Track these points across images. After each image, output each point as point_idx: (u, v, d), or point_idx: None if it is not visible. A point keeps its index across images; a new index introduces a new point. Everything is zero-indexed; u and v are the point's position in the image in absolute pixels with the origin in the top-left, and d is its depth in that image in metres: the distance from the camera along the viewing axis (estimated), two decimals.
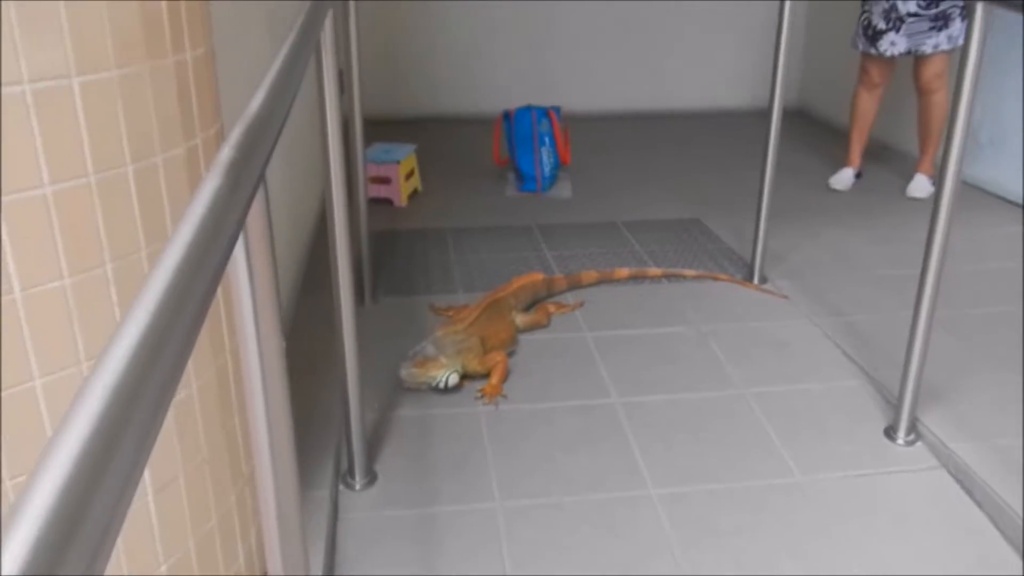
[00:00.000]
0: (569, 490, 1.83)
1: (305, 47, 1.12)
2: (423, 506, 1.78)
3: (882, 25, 3.49)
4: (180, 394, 1.14)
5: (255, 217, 0.68)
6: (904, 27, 3.45)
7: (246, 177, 0.62)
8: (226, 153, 0.63)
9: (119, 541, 0.81)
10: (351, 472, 1.84)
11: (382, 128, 4.00)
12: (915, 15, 3.42)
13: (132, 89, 1.00)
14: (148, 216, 0.97)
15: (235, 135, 0.68)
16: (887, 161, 4.04)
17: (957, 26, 3.41)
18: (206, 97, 1.13)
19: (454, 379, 2.13)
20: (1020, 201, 3.53)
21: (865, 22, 3.57)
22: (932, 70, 3.52)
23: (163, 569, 1.17)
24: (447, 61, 4.95)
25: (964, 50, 1.74)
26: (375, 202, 3.51)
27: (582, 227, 3.28)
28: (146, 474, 1.13)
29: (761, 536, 1.71)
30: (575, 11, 4.98)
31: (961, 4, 3.40)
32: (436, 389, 2.13)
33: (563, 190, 3.70)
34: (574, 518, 1.75)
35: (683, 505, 1.79)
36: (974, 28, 1.69)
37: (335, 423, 1.95)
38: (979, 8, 1.66)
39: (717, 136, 4.65)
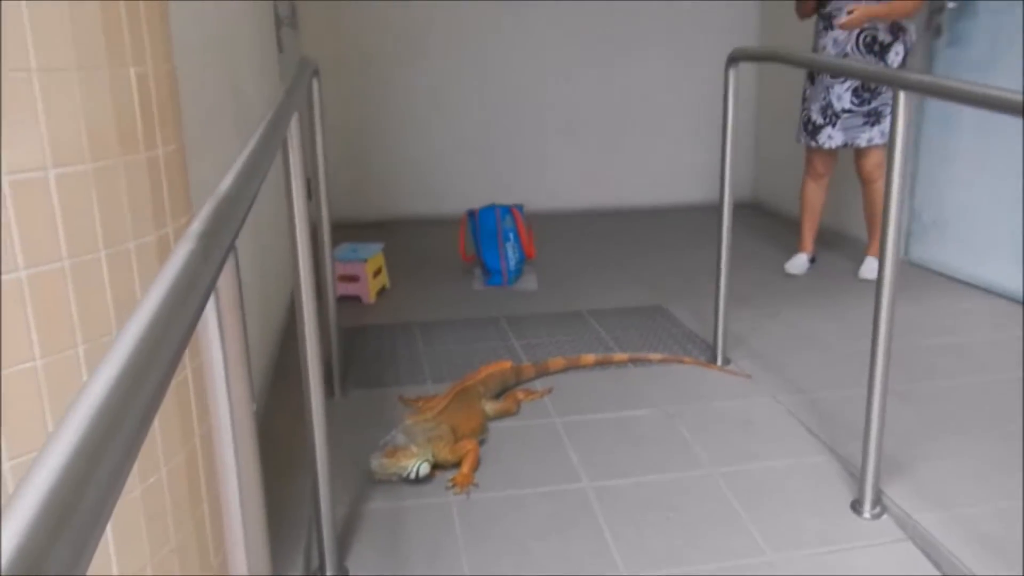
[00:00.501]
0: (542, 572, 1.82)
1: (272, 139, 1.19)
2: None
3: (820, 120, 3.70)
4: (150, 479, 1.15)
5: (226, 281, 0.72)
6: (840, 122, 3.66)
7: (216, 244, 0.66)
8: (196, 226, 0.68)
9: None
10: (321, 568, 1.81)
11: (349, 230, 4.09)
12: (849, 111, 3.64)
13: (106, 181, 1.05)
14: (120, 299, 1.01)
15: (205, 211, 0.73)
16: (839, 246, 4.19)
17: (887, 123, 3.63)
18: (178, 189, 1.19)
19: (425, 468, 2.13)
20: (964, 279, 3.68)
21: (805, 118, 3.78)
22: (871, 161, 3.71)
23: None
24: (411, 165, 5.10)
25: (891, 135, 1.87)
26: (344, 299, 3.55)
27: (548, 316, 3.35)
28: (113, 564, 1.12)
29: None
30: (533, 117, 5.19)
31: (891, 102, 3.62)
32: (407, 480, 2.12)
33: (529, 283, 3.78)
34: None
35: None
36: (899, 114, 1.82)
37: (305, 516, 1.93)
38: (902, 96, 1.80)
39: (675, 229, 4.80)
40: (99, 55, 1.04)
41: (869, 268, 3.81)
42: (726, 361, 2.86)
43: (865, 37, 3.57)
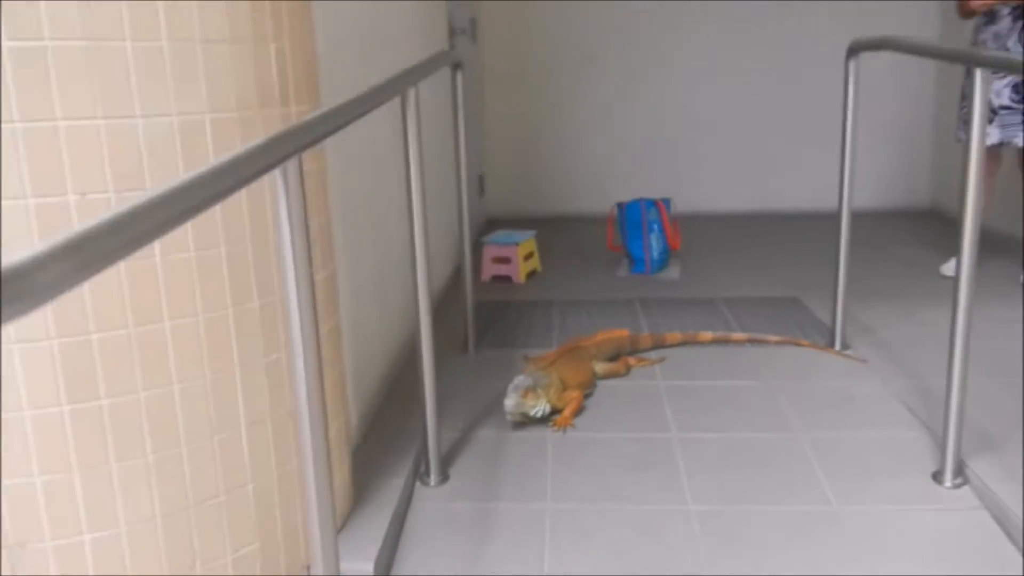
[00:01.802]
0: (612, 499, 2.05)
1: (374, 99, 1.53)
2: (485, 501, 2.05)
3: None
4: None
5: (293, 173, 1.05)
6: (997, 119, 3.55)
7: (283, 143, 0.99)
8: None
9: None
10: (427, 472, 2.15)
11: (514, 224, 4.46)
12: (1007, 108, 3.52)
13: (247, 127, 1.45)
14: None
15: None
16: (1009, 251, 4.00)
17: None
18: None
19: (548, 409, 2.41)
20: None
21: (964, 116, 3.68)
22: None
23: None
24: (574, 167, 5.41)
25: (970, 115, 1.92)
26: (496, 280, 3.93)
27: (681, 301, 3.52)
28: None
29: (785, 550, 1.85)
30: (698, 119, 5.34)
31: None
32: (532, 418, 2.39)
33: (671, 272, 3.96)
34: (614, 521, 1.96)
35: (716, 519, 1.96)
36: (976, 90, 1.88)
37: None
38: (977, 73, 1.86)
39: (827, 232, 4.74)
40: (246, 30, 1.44)
41: None
42: (845, 347, 2.91)
43: None
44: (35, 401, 1.35)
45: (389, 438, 2.26)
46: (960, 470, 2.07)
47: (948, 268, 3.83)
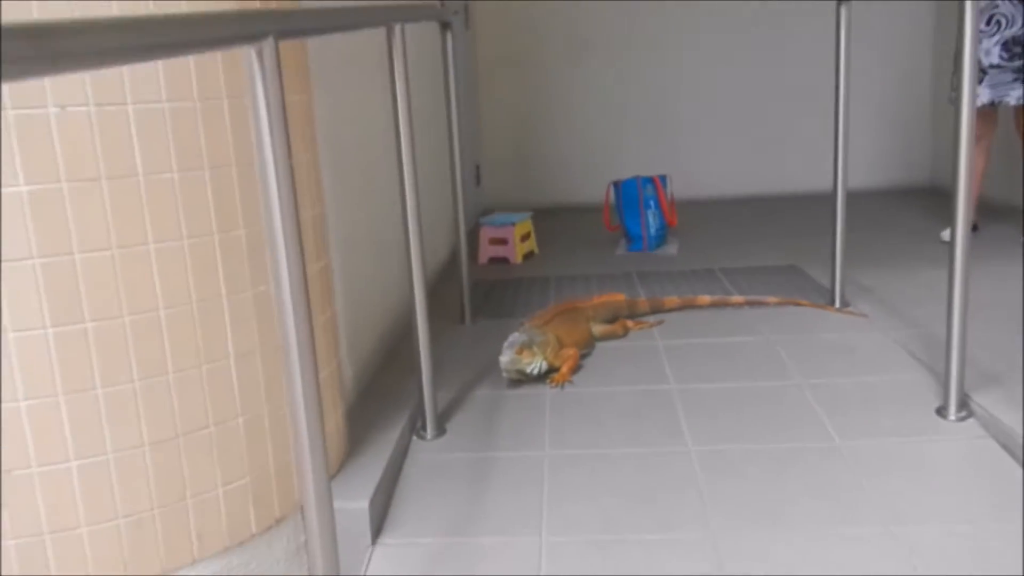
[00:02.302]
0: (611, 444, 2.02)
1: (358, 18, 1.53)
2: (482, 451, 2.02)
3: None
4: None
5: (268, 56, 1.04)
6: (987, 78, 3.53)
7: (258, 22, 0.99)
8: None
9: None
10: (423, 427, 2.12)
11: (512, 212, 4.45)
12: (997, 66, 3.51)
13: None
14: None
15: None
16: (1006, 217, 3.98)
17: None
18: None
19: (544, 366, 2.38)
20: None
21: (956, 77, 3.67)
22: None
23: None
24: (572, 157, 5.40)
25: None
26: (493, 262, 3.91)
27: (680, 273, 3.50)
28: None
29: (786, 480, 1.82)
30: (695, 103, 5.34)
31: None
32: (528, 375, 2.36)
33: (669, 249, 3.94)
34: (613, 464, 1.93)
35: (717, 458, 1.93)
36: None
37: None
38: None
39: (829, 210, 4.72)
40: None
41: None
42: (845, 305, 2.88)
43: None
44: (18, 323, 1.33)
45: (384, 397, 2.24)
46: (964, 404, 2.04)
47: (947, 234, 3.81)
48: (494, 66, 5.34)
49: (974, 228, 3.83)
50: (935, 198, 4.98)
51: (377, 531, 1.72)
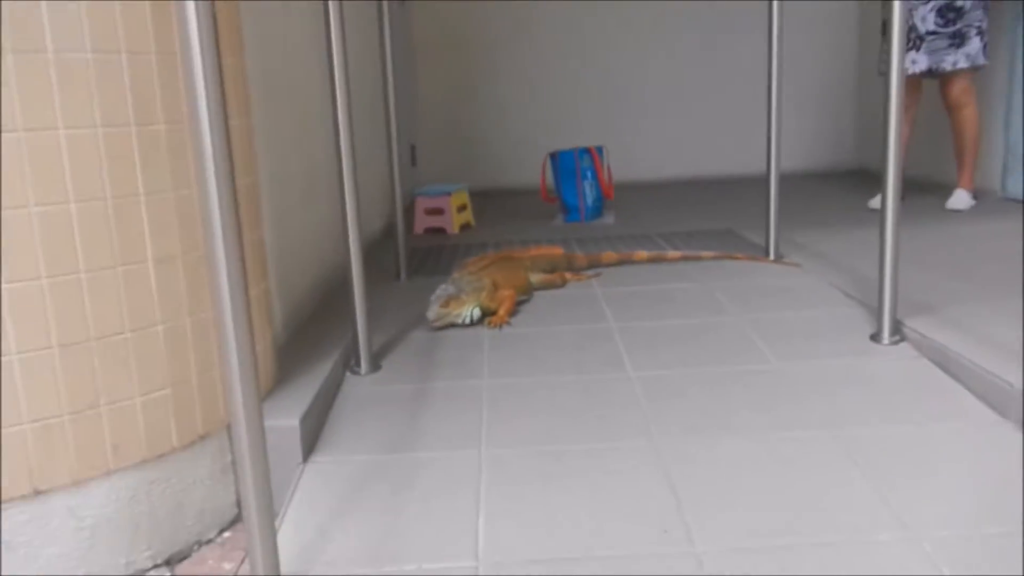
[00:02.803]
0: (553, 372, 1.98)
1: None
2: (418, 383, 1.96)
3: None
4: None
5: None
6: (924, 45, 3.64)
7: None
8: None
9: None
10: (357, 363, 2.05)
11: None
12: (934, 33, 3.62)
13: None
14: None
15: None
16: (930, 191, 4.09)
17: (975, 45, 3.58)
18: None
19: (477, 313, 2.33)
20: None
21: (887, 47, 3.77)
22: (958, 87, 3.66)
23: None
24: (508, 140, 5.39)
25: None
26: (430, 232, 3.85)
27: (617, 238, 3.49)
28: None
29: (727, 396, 1.81)
30: (631, 88, 5.39)
31: (977, 24, 3.58)
32: (462, 325, 2.32)
33: (606, 219, 3.94)
34: (554, 389, 1.89)
35: (658, 381, 1.90)
36: None
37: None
38: None
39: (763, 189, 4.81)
40: None
41: (958, 199, 3.74)
42: (779, 257, 2.91)
43: None
44: None
45: (316, 338, 2.16)
46: (897, 329, 2.06)
47: (875, 202, 3.90)
48: (430, 44, 5.31)
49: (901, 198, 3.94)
50: (862, 177, 5.12)
51: (309, 450, 1.64)
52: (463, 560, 1.30)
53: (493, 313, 2.37)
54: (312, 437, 1.69)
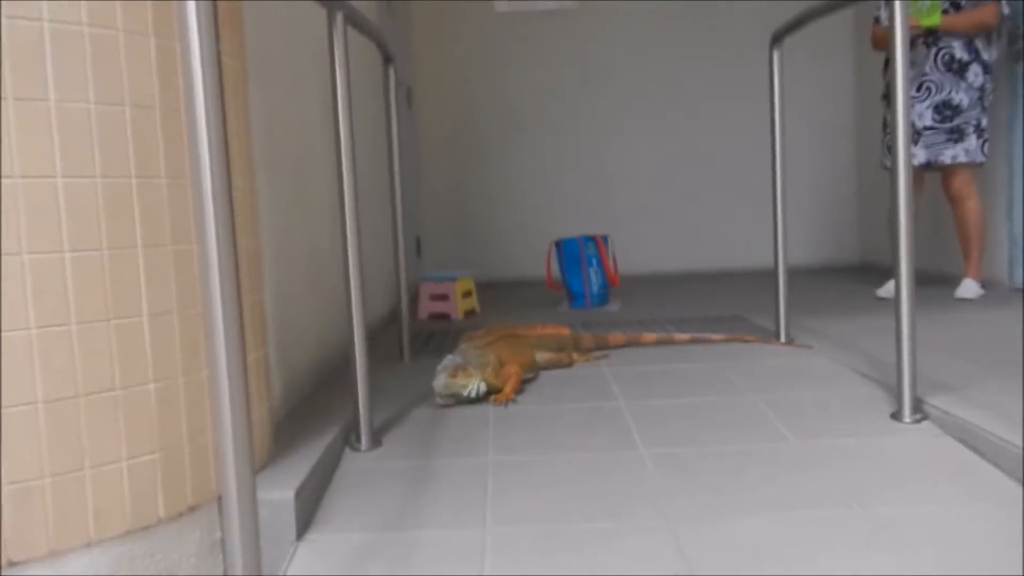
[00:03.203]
0: (561, 450, 1.89)
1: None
2: (420, 460, 1.87)
3: None
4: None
5: None
6: (922, 140, 3.69)
7: None
8: None
9: None
10: (358, 439, 1.96)
11: None
12: (931, 128, 3.67)
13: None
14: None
15: None
16: (938, 283, 4.06)
17: (972, 141, 3.64)
18: None
19: (483, 387, 2.25)
20: None
21: (889, 141, 3.81)
22: (959, 180, 3.70)
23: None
24: (512, 233, 5.43)
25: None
26: (434, 317, 3.81)
27: (624, 322, 3.45)
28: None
29: (742, 474, 1.72)
30: (632, 190, 5.46)
31: (975, 121, 3.64)
32: (467, 398, 2.24)
33: (612, 307, 3.90)
34: (561, 466, 1.80)
35: (670, 459, 1.82)
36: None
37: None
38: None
39: (769, 281, 4.80)
40: None
41: (967, 288, 3.71)
42: (790, 340, 2.85)
43: (943, 55, 3.64)
44: None
45: (316, 413, 2.08)
46: (918, 407, 1.98)
47: (884, 291, 3.88)
48: (435, 144, 5.41)
49: None
50: (866, 273, 5.10)
51: (304, 527, 1.55)
52: None
53: (498, 390, 2.29)
54: (308, 513, 1.59)
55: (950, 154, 3.66)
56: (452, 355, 2.29)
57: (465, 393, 2.23)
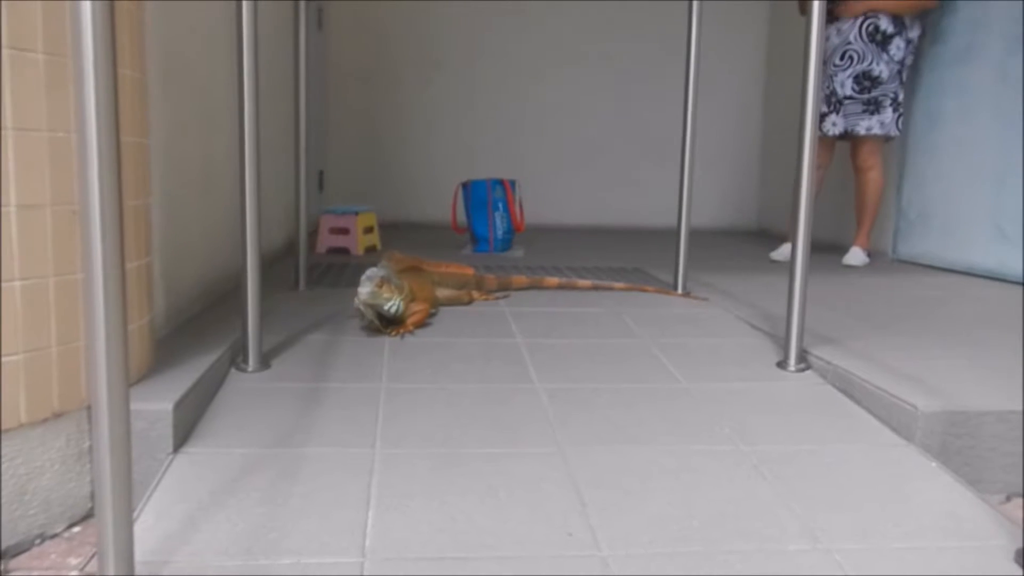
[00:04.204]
0: (456, 380, 1.87)
1: None
2: (311, 383, 1.82)
3: (825, 108, 3.84)
4: None
5: None
6: (842, 109, 3.79)
7: None
8: None
9: None
10: (245, 360, 1.89)
11: None
12: (851, 98, 3.77)
13: None
14: None
15: None
16: (830, 251, 4.22)
17: (888, 114, 3.76)
18: None
19: (401, 307, 2.20)
20: (946, 266, 3.71)
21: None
22: (866, 149, 3.83)
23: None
24: (416, 172, 5.33)
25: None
26: (333, 251, 3.71)
27: (527, 267, 3.44)
28: None
29: (635, 410, 1.74)
30: (545, 140, 5.43)
31: (892, 94, 3.76)
32: (385, 313, 2.17)
33: (515, 252, 3.89)
34: (456, 396, 1.78)
35: (565, 394, 1.82)
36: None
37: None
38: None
39: (671, 239, 4.89)
40: None
41: (854, 255, 3.86)
42: (686, 292, 2.91)
43: (868, 26, 3.72)
44: None
45: (201, 332, 1.99)
46: (803, 357, 2.05)
47: (777, 253, 4.00)
48: (345, 72, 5.22)
49: None
50: (762, 237, 5.26)
51: (181, 440, 1.48)
52: (348, 555, 1.17)
53: (401, 322, 2.24)
54: (186, 427, 1.52)
55: (865, 125, 3.77)
56: (376, 268, 2.21)
57: (386, 308, 2.16)
